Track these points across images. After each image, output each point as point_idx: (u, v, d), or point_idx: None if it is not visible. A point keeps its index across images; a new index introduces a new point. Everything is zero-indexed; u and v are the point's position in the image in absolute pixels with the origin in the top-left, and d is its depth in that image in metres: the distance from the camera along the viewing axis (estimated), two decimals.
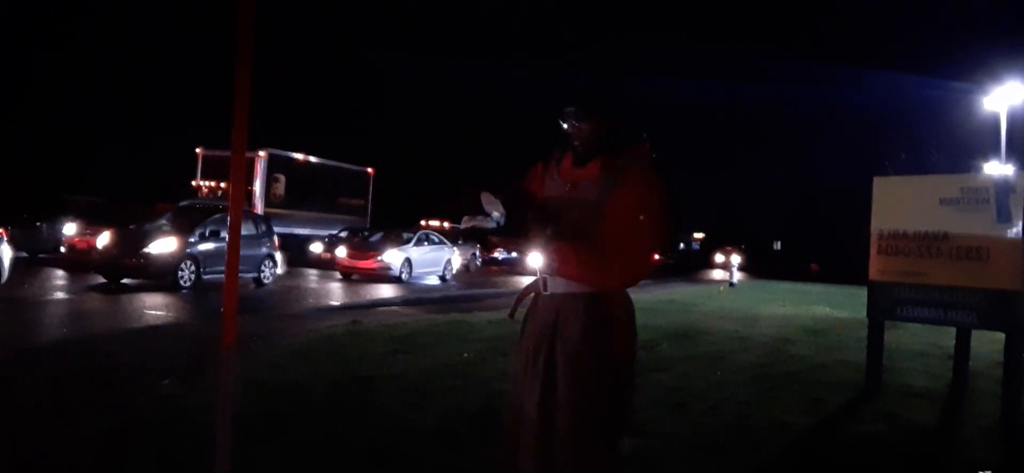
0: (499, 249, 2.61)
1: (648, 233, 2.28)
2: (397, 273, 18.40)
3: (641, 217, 2.25)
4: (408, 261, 18.90)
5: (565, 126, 2.41)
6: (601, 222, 2.26)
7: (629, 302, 2.40)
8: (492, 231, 2.34)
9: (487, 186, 2.36)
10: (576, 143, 2.41)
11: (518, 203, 2.38)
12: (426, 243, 20.19)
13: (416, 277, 19.21)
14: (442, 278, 20.17)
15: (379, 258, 18.43)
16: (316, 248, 22.53)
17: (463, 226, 2.40)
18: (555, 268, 2.35)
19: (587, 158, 2.37)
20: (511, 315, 2.66)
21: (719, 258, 32.34)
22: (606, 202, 2.27)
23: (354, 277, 18.49)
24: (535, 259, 2.43)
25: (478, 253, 25.50)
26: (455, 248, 21.59)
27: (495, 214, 2.34)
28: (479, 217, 2.36)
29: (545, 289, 2.41)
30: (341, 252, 18.98)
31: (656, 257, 2.42)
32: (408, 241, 19.41)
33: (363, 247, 19.39)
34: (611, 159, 2.33)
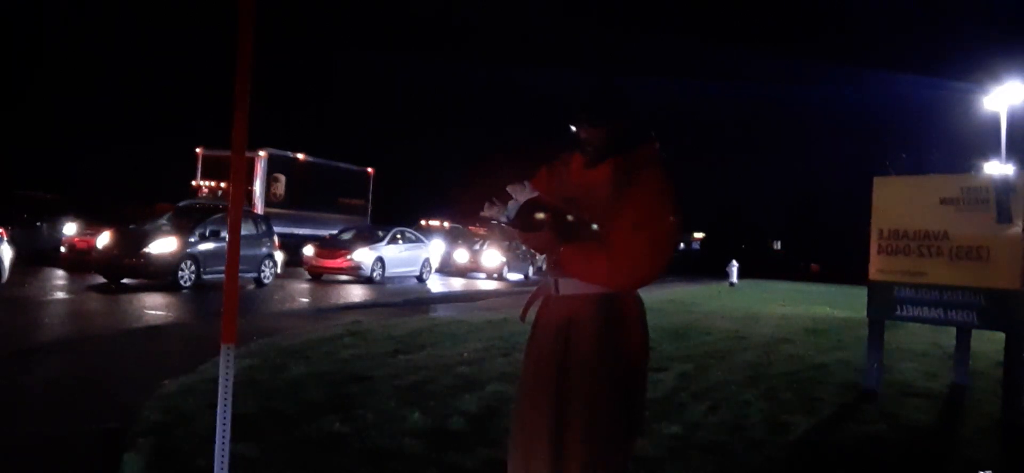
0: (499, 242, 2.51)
1: (660, 233, 2.26)
2: (368, 273, 17.60)
3: (653, 217, 2.24)
4: (380, 260, 18.08)
5: (575, 130, 2.41)
6: (614, 223, 2.24)
7: (640, 302, 2.38)
8: (503, 223, 2.31)
9: (516, 178, 2.34)
10: (587, 147, 2.40)
11: (531, 200, 2.35)
12: (401, 241, 19.38)
13: (390, 277, 18.43)
14: (419, 278, 19.42)
15: (349, 257, 17.58)
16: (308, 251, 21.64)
17: (482, 214, 2.38)
18: (567, 269, 2.32)
19: (598, 160, 2.37)
20: (522, 317, 2.59)
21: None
22: (619, 203, 2.25)
23: (323, 278, 17.80)
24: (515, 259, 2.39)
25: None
26: (433, 244, 20.80)
27: (510, 204, 2.31)
28: (497, 207, 2.33)
29: (557, 290, 2.38)
30: (309, 251, 18.07)
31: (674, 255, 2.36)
32: (381, 239, 18.62)
33: (333, 246, 18.47)
34: (622, 160, 2.32)
